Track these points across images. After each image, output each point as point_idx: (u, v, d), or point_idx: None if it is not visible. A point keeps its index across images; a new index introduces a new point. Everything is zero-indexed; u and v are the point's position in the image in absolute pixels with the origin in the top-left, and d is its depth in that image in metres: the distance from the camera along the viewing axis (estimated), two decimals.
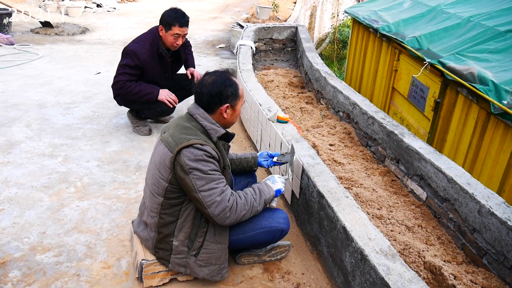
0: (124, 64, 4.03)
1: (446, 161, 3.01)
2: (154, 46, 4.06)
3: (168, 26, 3.98)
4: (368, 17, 7.18)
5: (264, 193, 2.44)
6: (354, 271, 2.23)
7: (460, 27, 5.19)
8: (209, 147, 2.22)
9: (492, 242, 2.47)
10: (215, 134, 2.31)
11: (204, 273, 2.41)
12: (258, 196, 2.40)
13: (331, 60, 14.91)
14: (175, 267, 2.42)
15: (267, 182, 2.53)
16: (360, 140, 4.07)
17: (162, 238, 2.39)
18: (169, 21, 3.97)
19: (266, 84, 5.70)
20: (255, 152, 2.93)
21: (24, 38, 8.53)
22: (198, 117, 2.32)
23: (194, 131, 2.27)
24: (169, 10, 4.03)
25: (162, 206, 2.33)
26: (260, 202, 2.40)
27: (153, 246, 2.44)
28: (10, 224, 2.98)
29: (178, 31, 3.99)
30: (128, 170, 3.79)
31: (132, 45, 4.05)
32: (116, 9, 12.74)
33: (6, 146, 4.05)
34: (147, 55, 4.02)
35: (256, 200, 2.38)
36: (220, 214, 2.23)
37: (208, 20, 11.98)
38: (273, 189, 2.49)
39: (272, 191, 2.48)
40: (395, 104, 6.25)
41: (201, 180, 2.19)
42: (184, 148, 2.19)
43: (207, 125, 2.31)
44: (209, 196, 2.20)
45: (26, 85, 5.76)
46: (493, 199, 2.55)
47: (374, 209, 2.99)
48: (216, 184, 2.23)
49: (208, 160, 2.21)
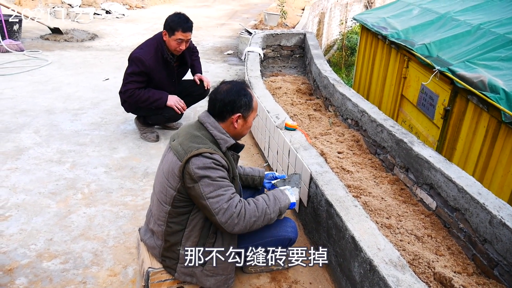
0: (130, 72, 4.04)
1: (457, 170, 2.96)
2: (158, 51, 4.07)
3: (171, 31, 3.98)
4: (376, 24, 7.16)
5: (279, 200, 2.37)
6: (363, 282, 2.20)
7: (470, 34, 5.15)
8: (218, 156, 2.20)
9: (503, 253, 2.42)
10: (224, 144, 2.29)
11: (211, 283, 2.38)
12: (272, 203, 2.33)
13: (339, 67, 14.89)
14: (181, 276, 2.39)
15: (285, 191, 2.47)
16: (368, 148, 4.04)
17: (169, 247, 2.36)
18: (172, 26, 3.96)
19: (274, 91, 5.69)
20: (263, 171, 2.88)
21: (33, 44, 8.60)
22: (209, 126, 2.31)
23: (203, 140, 2.25)
24: (173, 15, 4.03)
25: (170, 215, 2.31)
26: (275, 209, 2.32)
27: (160, 254, 2.41)
28: (17, 230, 2.98)
29: (181, 36, 3.98)
30: (135, 176, 3.79)
31: (137, 51, 4.07)
32: (125, 15, 12.83)
33: (14, 152, 4.06)
34: (152, 61, 4.03)
35: (270, 207, 2.31)
36: (228, 221, 2.18)
37: (216, 26, 12.02)
38: (290, 199, 2.43)
39: (288, 199, 2.41)
40: (404, 111, 6.21)
41: (209, 186, 2.17)
42: (193, 157, 2.16)
43: (216, 134, 2.29)
44: (217, 202, 2.17)
45: (35, 91, 5.80)
46: (505, 210, 2.51)
47: (383, 218, 2.95)
48: (224, 191, 2.20)
49: (216, 168, 2.19)
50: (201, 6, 15.87)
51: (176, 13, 4.06)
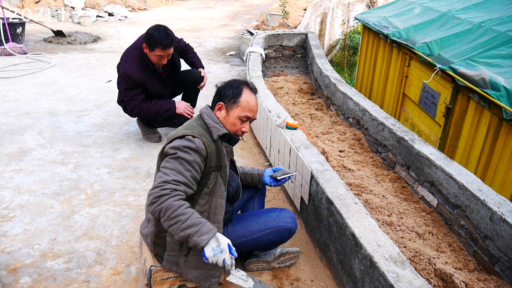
0: (125, 88, 3.96)
1: (457, 167, 2.97)
2: (143, 61, 3.93)
3: (151, 47, 3.79)
4: (378, 23, 7.16)
5: (198, 231, 2.00)
6: (363, 278, 2.21)
7: (471, 32, 5.15)
8: (198, 140, 2.18)
9: (504, 249, 2.43)
10: (216, 132, 2.31)
11: (193, 275, 2.35)
12: (189, 223, 2.00)
13: (341, 66, 14.90)
14: (168, 265, 2.37)
15: (216, 235, 2.05)
16: (370, 147, 4.05)
17: (158, 233, 2.35)
18: (152, 42, 3.75)
19: (276, 90, 5.71)
20: (263, 169, 2.85)
21: (37, 47, 8.65)
22: (205, 115, 2.37)
23: (195, 127, 2.29)
24: (153, 29, 3.78)
25: None
26: (185, 231, 2.00)
27: (152, 242, 2.40)
28: (21, 231, 3.01)
29: (161, 53, 3.81)
30: (138, 177, 3.81)
31: (123, 65, 3.93)
32: (127, 17, 12.88)
33: (18, 154, 4.10)
34: (139, 73, 3.90)
35: (183, 223, 2.00)
36: (150, 196, 2.05)
37: (218, 27, 12.04)
38: (206, 242, 2.00)
39: (203, 242, 1.99)
40: (406, 110, 6.21)
41: (168, 163, 2.13)
42: (176, 138, 2.21)
43: (210, 123, 2.34)
44: (159, 177, 2.09)
45: (38, 93, 5.84)
46: (505, 206, 2.51)
47: (384, 216, 2.97)
48: (174, 173, 2.09)
49: (188, 152, 2.14)
50: (203, 8, 15.91)
51: (156, 27, 3.81)
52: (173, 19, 13.15)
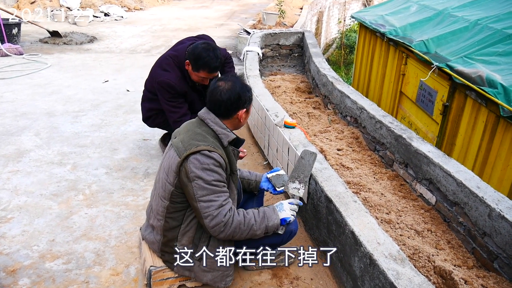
0: (168, 99, 3.59)
1: (455, 164, 2.98)
2: (184, 75, 3.59)
3: (195, 68, 3.41)
4: (375, 22, 7.17)
5: (268, 218, 2.36)
6: (363, 276, 2.21)
7: (468, 30, 5.16)
8: (217, 154, 2.21)
9: (503, 246, 2.44)
10: (226, 138, 2.31)
11: (208, 278, 2.40)
12: (260, 219, 2.33)
13: (338, 65, 14.90)
14: (180, 270, 2.42)
15: (275, 208, 2.44)
16: (368, 145, 4.05)
17: (167, 242, 2.39)
18: (200, 63, 3.35)
19: (273, 89, 5.71)
20: (261, 175, 2.85)
21: (33, 47, 8.62)
22: (209, 122, 2.33)
23: (204, 136, 2.27)
24: (201, 49, 3.33)
25: (168, 210, 2.34)
26: (261, 226, 2.32)
27: (159, 249, 2.44)
28: (19, 232, 3.00)
29: (206, 76, 3.45)
30: (136, 177, 3.80)
31: (162, 74, 3.57)
32: (123, 17, 12.85)
33: (15, 155, 4.08)
34: (181, 84, 3.57)
35: (256, 223, 2.31)
36: (215, 227, 2.22)
37: (215, 27, 12.03)
38: (279, 217, 2.40)
39: (277, 219, 2.38)
40: (403, 108, 6.22)
41: (202, 190, 2.19)
42: (192, 154, 2.19)
43: (218, 130, 2.31)
44: (207, 208, 2.20)
45: (35, 94, 5.82)
46: (504, 203, 2.52)
47: (383, 214, 2.97)
48: (216, 197, 2.21)
49: (213, 170, 2.20)
50: (199, 7, 15.89)
51: (205, 46, 3.36)
52: (169, 18, 13.13)
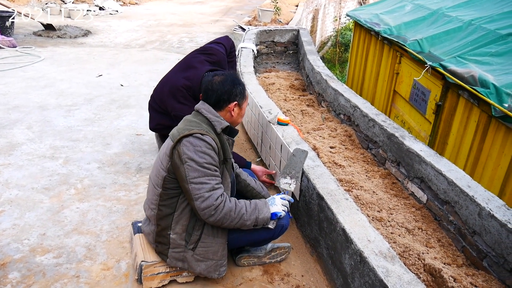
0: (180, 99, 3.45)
1: (447, 163, 3.00)
2: None
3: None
4: (370, 20, 7.18)
5: (259, 210, 2.38)
6: (354, 273, 2.22)
7: (462, 30, 5.19)
8: (209, 137, 2.26)
9: (492, 244, 2.46)
10: (219, 125, 2.36)
11: (201, 268, 2.41)
12: (251, 210, 2.36)
13: (333, 63, 14.93)
14: (173, 262, 2.42)
15: (267, 202, 2.48)
16: (360, 143, 4.07)
17: (160, 231, 2.41)
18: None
19: (268, 86, 5.70)
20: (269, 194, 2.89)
21: (26, 40, 8.56)
22: (203, 111, 2.39)
23: (198, 123, 2.33)
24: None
25: (161, 198, 2.36)
26: (251, 217, 2.34)
27: (153, 240, 2.46)
28: (10, 225, 2.99)
29: None
30: (128, 172, 3.79)
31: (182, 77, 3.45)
32: (118, 12, 12.78)
33: (7, 148, 4.06)
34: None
35: (247, 213, 2.34)
36: (205, 210, 2.24)
37: (210, 23, 12.00)
38: (270, 211, 2.42)
39: (268, 212, 2.41)
40: (397, 107, 6.24)
41: (194, 172, 2.22)
42: (185, 137, 2.25)
43: (211, 117, 2.37)
44: (198, 189, 2.23)
45: (28, 87, 5.78)
46: (493, 202, 2.54)
47: (374, 212, 2.98)
48: (208, 179, 2.25)
49: (205, 152, 2.24)
50: (195, 3, 15.84)
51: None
52: (164, 13, 13.08)
